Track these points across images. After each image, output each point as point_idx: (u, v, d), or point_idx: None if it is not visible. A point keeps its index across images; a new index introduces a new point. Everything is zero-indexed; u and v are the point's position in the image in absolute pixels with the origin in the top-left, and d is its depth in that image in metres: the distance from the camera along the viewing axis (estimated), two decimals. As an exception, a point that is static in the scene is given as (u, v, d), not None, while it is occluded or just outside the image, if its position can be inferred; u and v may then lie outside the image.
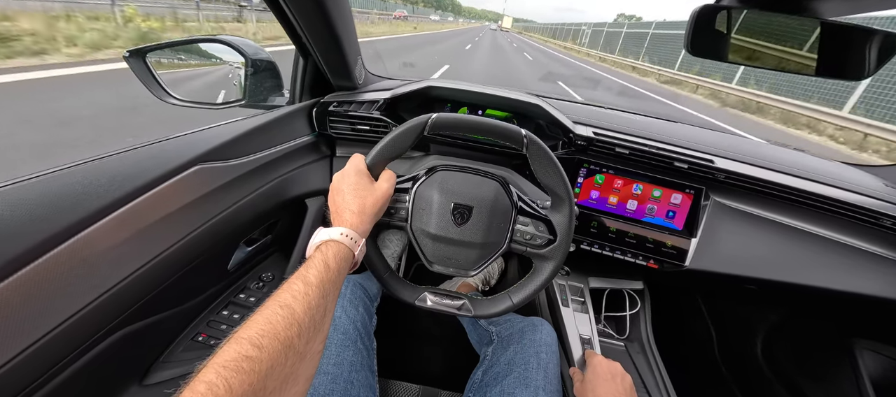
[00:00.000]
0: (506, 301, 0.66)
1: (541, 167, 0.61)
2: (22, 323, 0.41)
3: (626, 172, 0.91)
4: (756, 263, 0.88)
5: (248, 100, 0.88)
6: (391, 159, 0.62)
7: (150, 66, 0.82)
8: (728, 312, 1.39)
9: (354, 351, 0.71)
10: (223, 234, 0.68)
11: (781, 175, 0.86)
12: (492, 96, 0.92)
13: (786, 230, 0.88)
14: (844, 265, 0.86)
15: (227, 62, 0.94)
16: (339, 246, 0.50)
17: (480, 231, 0.65)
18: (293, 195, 0.87)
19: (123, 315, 0.52)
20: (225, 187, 0.67)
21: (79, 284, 0.46)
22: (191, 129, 0.68)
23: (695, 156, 0.86)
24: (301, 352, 0.39)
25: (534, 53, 22.87)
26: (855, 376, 1.00)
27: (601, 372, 0.75)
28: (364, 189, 0.57)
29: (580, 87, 10.58)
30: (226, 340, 0.35)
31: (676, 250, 0.89)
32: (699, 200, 0.89)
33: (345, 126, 0.93)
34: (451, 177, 0.67)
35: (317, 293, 0.42)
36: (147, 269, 0.53)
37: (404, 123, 0.61)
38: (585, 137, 0.88)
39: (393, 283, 0.67)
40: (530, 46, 30.89)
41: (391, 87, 0.98)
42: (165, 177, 0.57)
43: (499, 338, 0.84)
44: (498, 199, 0.66)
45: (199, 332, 0.72)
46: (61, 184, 0.48)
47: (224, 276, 0.78)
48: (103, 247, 0.48)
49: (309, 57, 0.89)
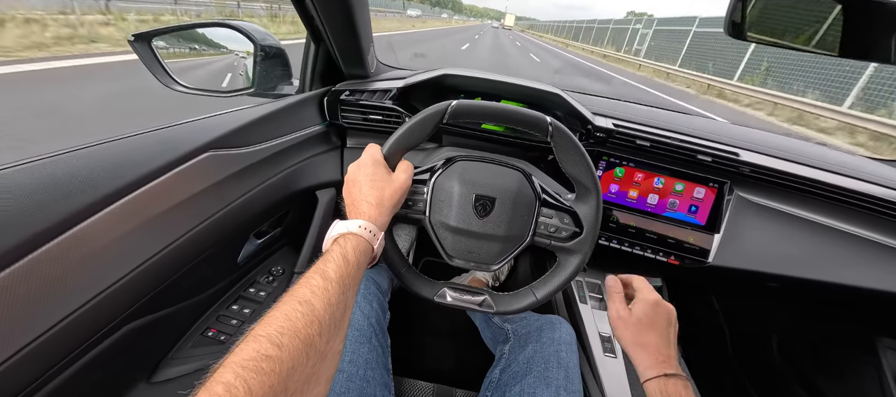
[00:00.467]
0: (529, 296, 0.63)
1: (566, 156, 0.58)
2: (24, 318, 0.38)
3: (646, 165, 0.88)
4: (781, 260, 0.85)
5: (256, 87, 0.85)
6: (408, 149, 0.60)
7: (155, 51, 0.79)
8: (742, 310, 1.37)
9: (370, 349, 0.69)
10: (233, 225, 0.66)
11: (807, 168, 0.83)
12: (509, 84, 0.89)
13: (812, 226, 0.85)
14: (870, 262, 0.84)
15: (235, 49, 0.91)
16: (357, 239, 0.47)
17: (503, 223, 0.62)
18: (303, 186, 0.84)
19: (131, 309, 0.50)
20: (235, 176, 0.64)
21: (83, 276, 0.43)
22: (200, 115, 0.65)
23: (719, 149, 0.83)
24: (322, 351, 0.36)
25: (543, 55, 19.76)
26: (878, 375, 0.98)
27: (660, 314, 0.56)
28: (382, 180, 0.55)
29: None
30: (243, 338, 0.33)
31: (698, 247, 0.87)
32: (723, 195, 0.86)
33: (356, 115, 0.90)
34: (472, 167, 0.64)
35: (336, 289, 0.40)
36: (156, 261, 0.51)
37: (422, 111, 0.59)
38: (605, 129, 0.85)
39: (411, 279, 0.65)
40: (540, 48, 25.70)
41: (404, 76, 0.94)
42: (175, 163, 0.54)
43: (516, 336, 0.81)
44: (521, 191, 0.63)
45: (209, 327, 0.70)
46: (65, 168, 0.45)
47: (234, 270, 0.76)
48: (110, 237, 0.45)
49: (321, 43, 0.86)
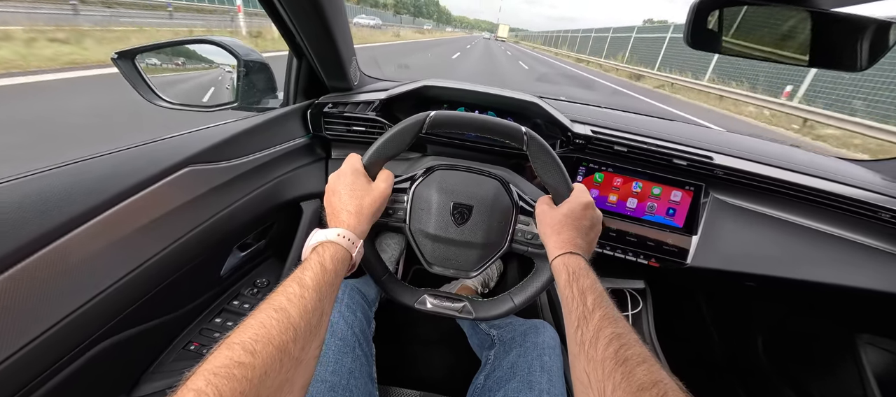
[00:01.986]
0: (507, 302, 0.64)
1: (541, 164, 0.60)
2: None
3: (625, 170, 0.90)
4: (757, 260, 0.87)
5: (240, 102, 0.86)
6: (388, 158, 0.61)
7: (139, 68, 0.80)
8: (729, 311, 1.39)
9: (353, 358, 0.69)
10: (216, 239, 0.66)
11: (780, 170, 0.86)
12: (489, 95, 0.91)
13: (786, 226, 0.88)
14: (845, 260, 0.86)
15: (219, 64, 0.92)
16: (335, 247, 0.48)
17: (481, 231, 0.63)
18: (288, 198, 0.85)
19: (109, 324, 0.50)
20: (217, 190, 0.65)
21: (60, 292, 0.43)
22: (182, 131, 0.66)
23: (693, 153, 0.85)
24: (297, 358, 0.37)
25: (532, 63, 19.10)
26: (858, 371, 1.00)
27: (585, 216, 0.57)
28: (361, 189, 0.56)
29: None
30: (217, 345, 0.33)
31: (677, 248, 0.89)
32: (699, 197, 0.88)
33: (340, 127, 0.91)
34: (450, 176, 0.65)
35: (313, 296, 0.41)
36: (134, 275, 0.51)
37: (402, 121, 0.60)
38: (584, 136, 0.88)
39: (392, 286, 0.66)
40: (533, 58, 23.89)
41: (387, 88, 0.96)
42: (154, 179, 0.54)
43: (500, 342, 0.82)
44: (498, 198, 0.64)
45: (191, 341, 0.70)
46: (42, 186, 0.45)
47: (217, 283, 0.76)
48: (87, 253, 0.46)
49: (303, 58, 0.87)
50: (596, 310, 0.44)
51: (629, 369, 0.37)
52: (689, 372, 1.04)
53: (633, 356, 0.38)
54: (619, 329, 0.41)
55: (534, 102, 0.90)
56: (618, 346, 0.39)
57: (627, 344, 0.39)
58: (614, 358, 0.38)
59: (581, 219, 0.57)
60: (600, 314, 0.44)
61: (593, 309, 0.44)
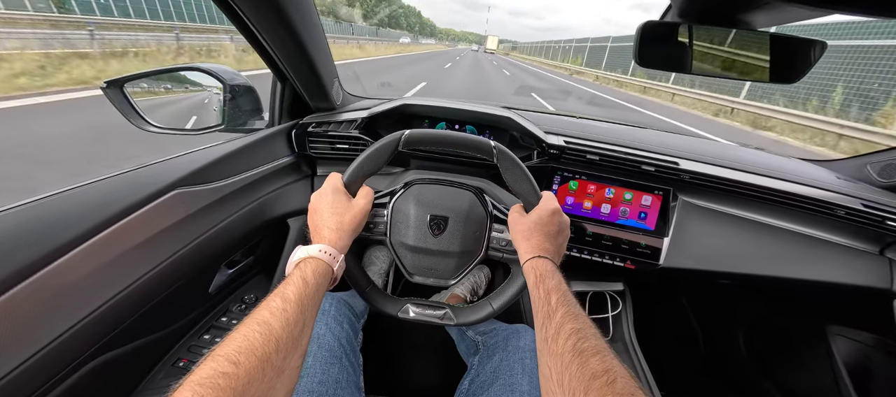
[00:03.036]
0: (486, 307, 0.68)
1: (511, 175, 0.64)
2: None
3: (597, 177, 0.95)
4: (726, 258, 0.92)
5: (227, 124, 0.89)
6: (368, 176, 0.64)
7: (127, 95, 0.83)
8: (711, 310, 1.43)
9: (340, 369, 0.71)
10: (203, 257, 0.69)
11: (742, 173, 0.91)
12: (465, 111, 0.96)
13: (752, 225, 0.93)
14: (807, 255, 0.91)
15: (207, 88, 0.95)
16: (317, 262, 0.51)
17: (457, 240, 0.67)
18: (275, 215, 0.87)
19: (100, 342, 0.52)
20: (204, 210, 0.68)
21: (51, 315, 0.46)
22: (169, 155, 0.69)
23: (660, 159, 0.90)
24: (279, 367, 0.39)
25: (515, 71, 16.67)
26: (830, 361, 1.04)
27: (553, 221, 0.61)
28: (341, 206, 0.59)
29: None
30: (202, 358, 0.36)
31: (650, 249, 0.93)
32: (668, 201, 0.93)
33: (324, 145, 0.95)
34: (427, 189, 0.69)
35: (295, 309, 0.43)
36: (124, 295, 0.54)
37: (379, 141, 0.64)
38: (557, 146, 0.92)
39: (375, 297, 0.68)
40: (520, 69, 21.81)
41: (368, 106, 1.00)
42: (142, 203, 0.57)
43: (485, 347, 0.85)
44: (472, 209, 0.68)
45: (181, 358, 0.72)
46: (32, 216, 0.48)
47: (206, 300, 0.78)
48: (77, 276, 0.48)
49: (286, 81, 0.91)
50: (559, 308, 0.48)
51: (584, 359, 0.40)
52: (675, 369, 1.07)
53: (588, 348, 0.41)
54: (578, 324, 0.45)
55: (507, 116, 0.94)
56: (576, 340, 0.42)
57: (584, 337, 0.43)
58: (572, 350, 0.41)
59: (549, 225, 0.61)
60: (563, 312, 0.47)
61: (556, 308, 0.48)
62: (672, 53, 0.59)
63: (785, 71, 0.56)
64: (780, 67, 0.54)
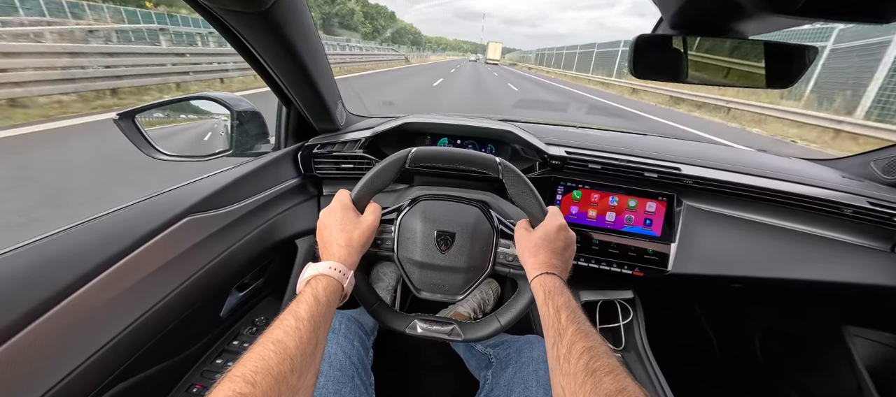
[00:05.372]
0: (494, 323, 0.68)
1: (516, 191, 0.65)
2: (15, 390, 0.41)
3: (601, 186, 0.95)
4: (735, 262, 0.91)
5: (234, 149, 0.91)
6: (376, 192, 0.65)
7: (139, 126, 0.86)
8: (724, 316, 1.41)
9: (352, 388, 0.71)
10: (215, 282, 0.70)
11: (745, 176, 0.91)
12: (467, 127, 0.98)
13: (759, 227, 0.92)
14: (818, 255, 0.90)
15: (215, 115, 0.98)
16: (328, 279, 0.52)
17: (464, 255, 0.67)
18: (283, 237, 0.89)
19: (118, 370, 0.53)
20: (215, 236, 0.69)
21: (68, 348, 0.47)
22: (179, 183, 0.71)
23: (662, 166, 0.91)
24: (294, 386, 0.40)
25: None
26: (849, 363, 1.02)
27: (559, 237, 0.61)
28: (350, 222, 0.60)
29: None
30: (219, 380, 0.37)
31: (658, 255, 0.92)
32: (672, 206, 0.93)
33: (329, 166, 0.96)
34: (433, 205, 0.70)
35: (308, 327, 0.44)
36: (138, 324, 0.55)
37: (386, 158, 0.65)
38: (559, 157, 0.93)
39: (383, 313, 0.69)
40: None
41: (372, 126, 1.02)
42: (155, 232, 0.59)
43: (497, 360, 0.84)
44: (479, 224, 0.69)
45: (194, 384, 0.72)
46: (53, 249, 0.50)
47: (217, 324, 0.79)
48: (95, 306, 0.50)
49: (291, 105, 0.94)
50: (569, 326, 0.48)
51: (598, 379, 0.40)
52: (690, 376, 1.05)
53: (601, 367, 0.41)
54: (590, 343, 0.45)
55: (508, 130, 0.96)
56: (588, 359, 0.42)
57: (596, 356, 0.43)
58: (585, 370, 0.41)
59: (555, 241, 0.61)
60: (573, 329, 0.47)
61: (567, 325, 0.48)
62: (668, 64, 0.60)
63: (781, 75, 0.57)
64: (776, 72, 0.55)
